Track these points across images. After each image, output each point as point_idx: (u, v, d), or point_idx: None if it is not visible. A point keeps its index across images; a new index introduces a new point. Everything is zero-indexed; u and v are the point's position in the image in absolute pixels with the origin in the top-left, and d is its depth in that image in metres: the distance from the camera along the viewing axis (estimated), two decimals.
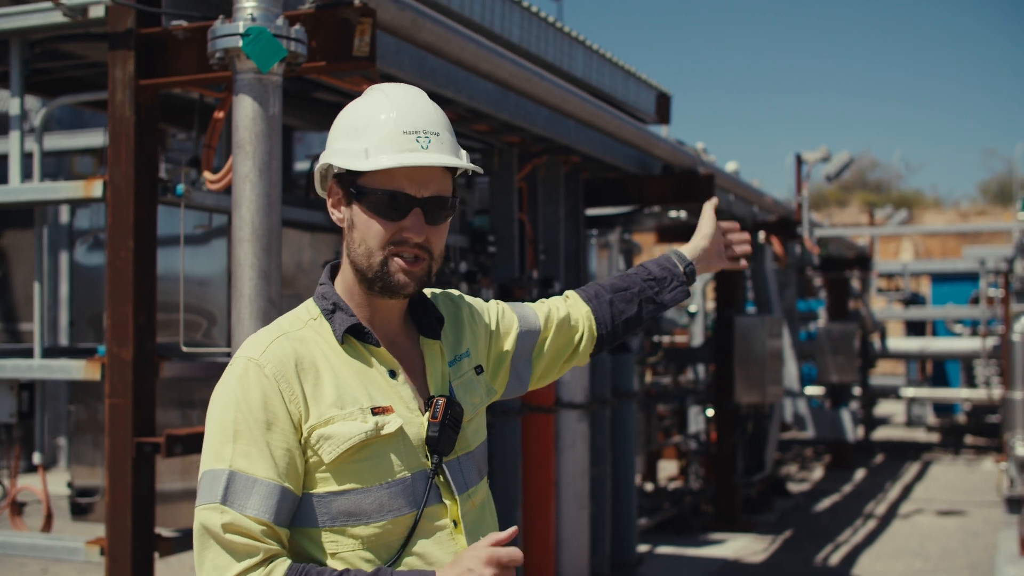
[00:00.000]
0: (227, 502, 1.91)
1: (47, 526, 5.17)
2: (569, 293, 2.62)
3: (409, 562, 2.02)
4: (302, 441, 1.98)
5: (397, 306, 2.17)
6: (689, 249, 2.75)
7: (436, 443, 2.07)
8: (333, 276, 2.18)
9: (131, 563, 4.28)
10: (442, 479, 2.09)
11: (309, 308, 2.14)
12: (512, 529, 1.97)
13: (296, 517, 1.99)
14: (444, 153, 2.06)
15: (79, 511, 5.61)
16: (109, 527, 4.33)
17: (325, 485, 1.99)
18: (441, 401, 2.10)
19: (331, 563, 1.99)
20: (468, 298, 2.43)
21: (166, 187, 4.54)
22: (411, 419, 2.08)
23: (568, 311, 2.55)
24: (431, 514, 2.06)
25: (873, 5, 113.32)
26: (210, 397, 2.04)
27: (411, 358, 2.17)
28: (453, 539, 2.08)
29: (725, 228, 2.86)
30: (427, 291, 2.32)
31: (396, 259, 2.05)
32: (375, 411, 2.03)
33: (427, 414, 2.09)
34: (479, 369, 2.32)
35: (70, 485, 5.65)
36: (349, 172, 2.06)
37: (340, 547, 1.99)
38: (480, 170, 2.16)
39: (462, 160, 2.10)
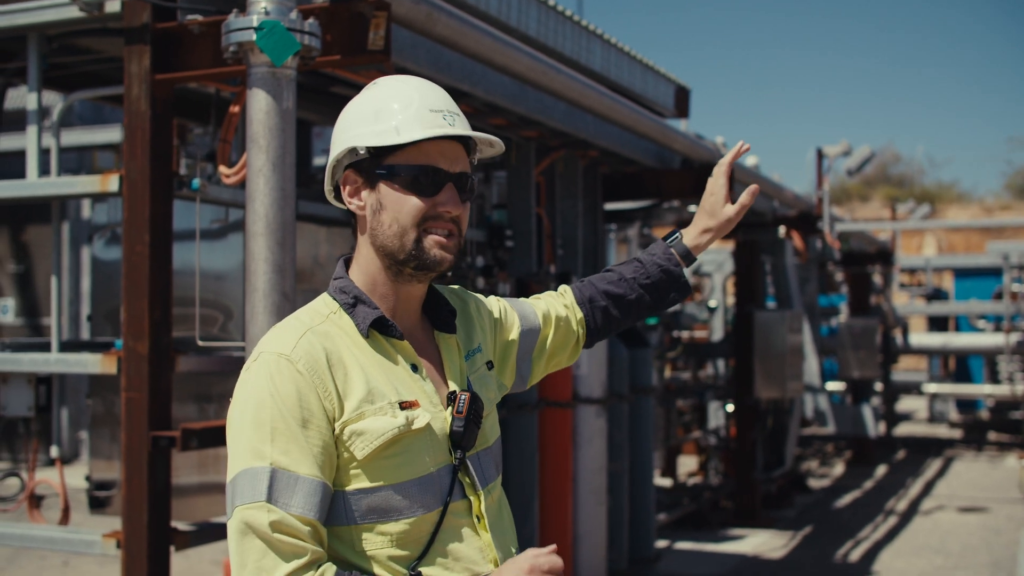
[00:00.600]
0: (273, 500, 1.88)
1: (64, 519, 5.20)
2: (564, 290, 2.58)
3: (436, 558, 2.01)
4: (335, 437, 1.96)
5: (417, 297, 2.15)
6: (692, 237, 2.57)
7: (461, 438, 2.06)
8: (347, 269, 2.16)
9: (147, 556, 4.30)
10: (465, 474, 2.08)
11: (326, 302, 2.11)
12: (552, 547, 2.01)
13: (329, 516, 1.98)
14: (470, 131, 2.09)
15: (97, 504, 5.63)
16: (125, 521, 4.35)
17: (356, 482, 1.97)
18: (466, 396, 2.09)
19: (358, 561, 1.97)
20: (472, 293, 2.41)
21: (182, 181, 4.54)
22: (435, 414, 2.06)
23: (565, 314, 2.53)
24: (456, 509, 2.05)
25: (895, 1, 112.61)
26: (234, 393, 2.01)
27: (428, 352, 2.16)
28: (478, 534, 2.08)
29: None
30: (447, 289, 2.32)
31: (431, 235, 2.04)
32: (403, 406, 2.01)
33: (450, 409, 2.08)
34: (490, 365, 2.31)
35: (88, 478, 5.68)
36: (373, 156, 2.05)
37: (369, 544, 1.97)
38: (500, 145, 2.17)
39: (493, 141, 2.15)
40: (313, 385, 1.95)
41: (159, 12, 4.38)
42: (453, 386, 2.14)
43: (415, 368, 2.09)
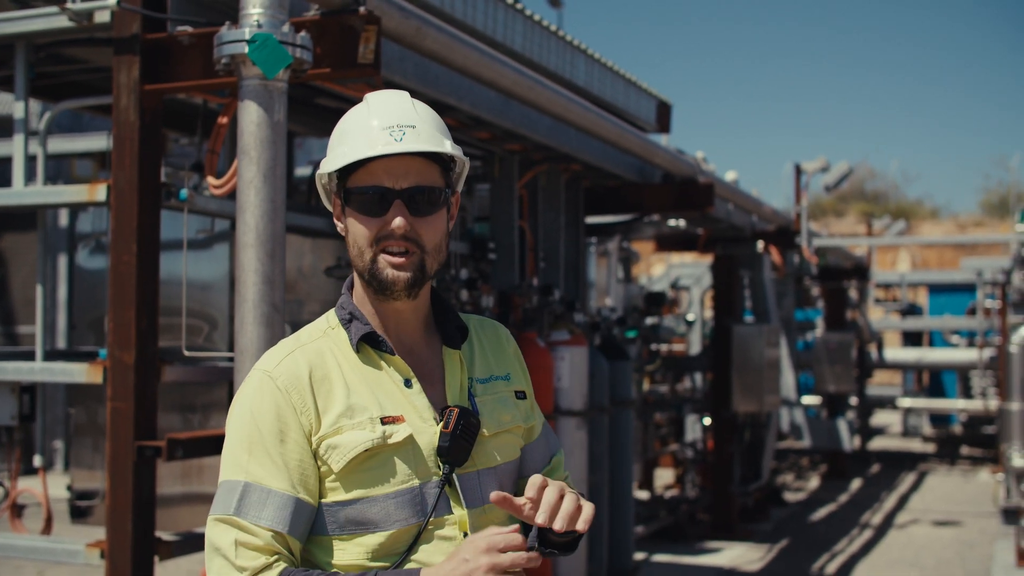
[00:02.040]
0: (240, 513, 1.95)
1: (47, 529, 5.17)
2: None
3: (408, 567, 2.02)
4: (313, 452, 2.01)
5: (410, 312, 2.15)
6: None
7: (447, 453, 2.05)
8: (351, 286, 2.21)
9: (131, 566, 4.29)
10: (452, 490, 2.07)
11: (329, 318, 2.18)
12: (513, 527, 1.94)
13: (312, 526, 2.03)
14: (420, 144, 2.05)
15: (78, 514, 5.61)
16: (110, 530, 4.34)
17: (334, 494, 2.01)
18: (454, 411, 2.08)
19: (334, 569, 2.01)
20: (516, 345, 2.40)
21: (169, 192, 4.55)
22: (423, 428, 2.07)
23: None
24: (439, 524, 2.05)
25: (873, 16, 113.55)
26: (229, 404, 2.12)
27: (431, 367, 2.17)
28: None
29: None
30: (471, 316, 2.32)
31: (383, 255, 2.06)
32: (384, 420, 2.04)
33: (440, 424, 2.08)
34: (521, 395, 2.29)
35: (70, 488, 5.66)
36: (340, 180, 2.11)
37: (346, 555, 2.02)
38: (461, 156, 2.15)
39: (443, 147, 2.08)
40: (290, 402, 2.02)
41: (149, 23, 4.38)
42: (451, 402, 2.14)
43: (408, 383, 2.10)
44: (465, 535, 2.05)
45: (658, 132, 9.17)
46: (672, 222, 10.62)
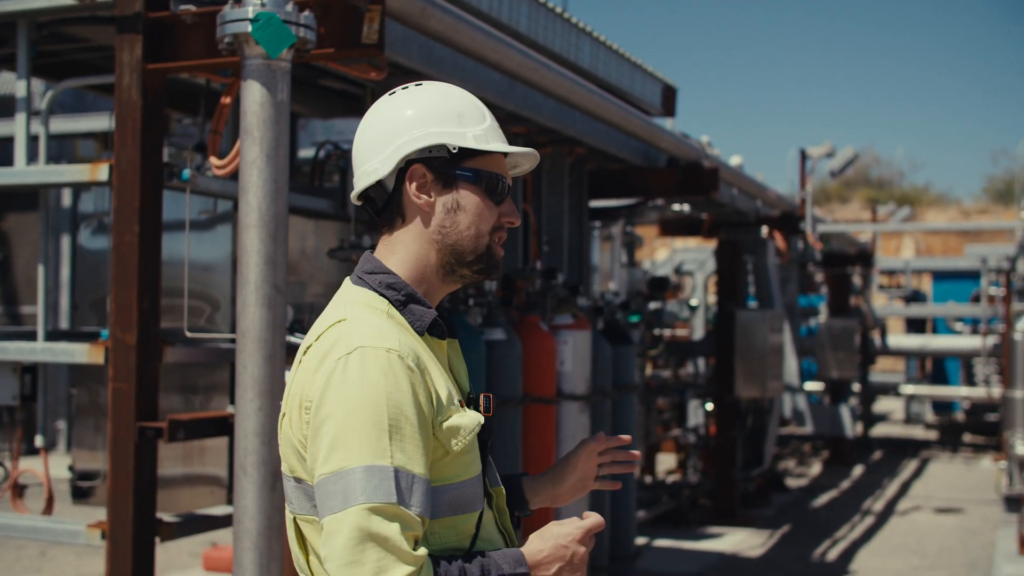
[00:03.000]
0: (402, 501, 1.86)
1: (48, 509, 5.17)
2: None
3: (481, 548, 2.05)
4: (434, 433, 1.98)
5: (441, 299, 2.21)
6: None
7: (489, 436, 2.12)
8: (383, 265, 2.12)
9: (132, 547, 4.29)
10: (490, 471, 2.17)
11: (375, 298, 2.07)
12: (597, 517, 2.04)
13: None
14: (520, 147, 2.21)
15: (80, 494, 5.60)
16: (111, 511, 4.33)
17: (442, 477, 1.98)
18: (491, 397, 2.14)
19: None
20: None
21: (172, 172, 4.53)
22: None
23: None
24: (486, 504, 2.12)
25: (880, 2, 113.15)
26: (334, 384, 1.92)
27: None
28: (499, 527, 2.15)
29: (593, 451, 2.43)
30: None
31: (496, 243, 2.12)
32: (461, 403, 2.07)
33: (478, 408, 2.13)
34: None
35: (71, 468, 5.65)
36: (453, 156, 2.08)
37: (440, 539, 1.99)
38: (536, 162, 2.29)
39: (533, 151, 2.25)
40: (423, 382, 1.96)
41: (152, 1, 4.35)
42: (465, 388, 2.20)
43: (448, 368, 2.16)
44: (498, 511, 2.16)
45: (663, 116, 9.12)
46: (676, 207, 10.58)
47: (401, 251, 2.12)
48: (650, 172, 8.50)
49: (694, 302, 14.58)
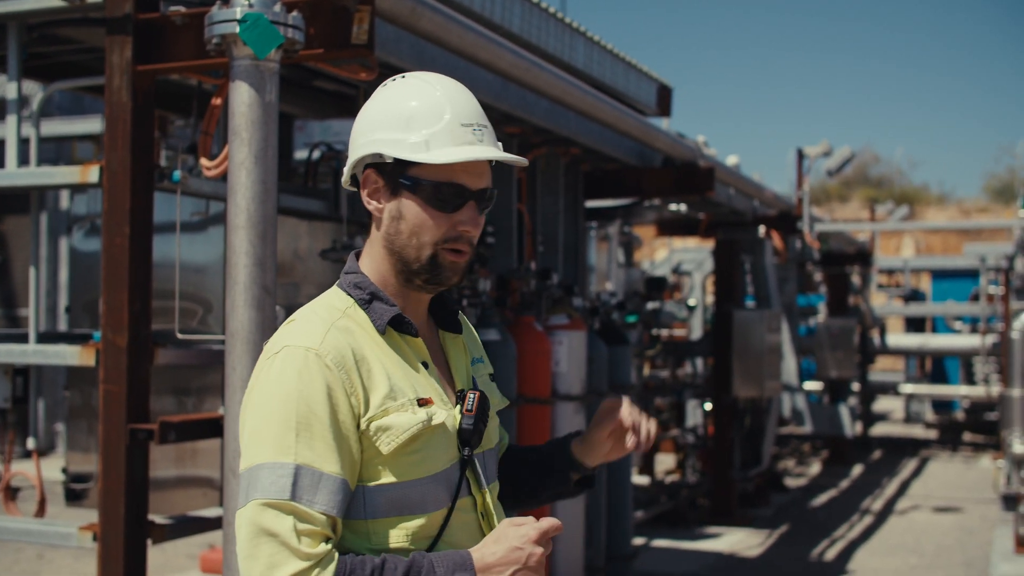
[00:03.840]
0: (297, 497, 1.87)
1: (41, 511, 5.16)
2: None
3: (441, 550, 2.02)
4: (360, 434, 1.96)
5: (425, 300, 2.17)
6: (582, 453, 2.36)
7: (470, 436, 2.07)
8: (357, 265, 2.15)
9: (123, 549, 4.28)
10: (472, 472, 2.11)
11: (340, 297, 2.10)
12: (554, 520, 2.01)
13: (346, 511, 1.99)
14: (493, 145, 2.08)
15: (73, 497, 5.60)
16: (102, 513, 4.33)
17: (378, 477, 1.97)
18: (476, 394, 2.11)
19: (371, 553, 1.97)
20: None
21: (163, 173, 4.52)
22: (447, 411, 2.09)
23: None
24: (462, 506, 2.08)
25: (877, 1, 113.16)
26: (255, 384, 1.99)
27: (435, 350, 2.18)
28: (481, 532, 2.11)
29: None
30: None
31: (447, 254, 2.04)
32: (420, 402, 2.03)
33: (458, 407, 2.10)
34: (493, 376, 2.35)
35: (65, 471, 5.65)
36: (399, 162, 2.02)
37: (385, 539, 1.98)
38: (525, 162, 2.15)
39: (502, 152, 2.11)
40: (341, 381, 1.94)
41: (142, 2, 4.35)
42: (460, 385, 2.17)
43: (425, 366, 2.11)
44: (482, 515, 2.11)
45: (659, 116, 9.11)
46: (673, 207, 10.57)
47: (371, 253, 2.13)
48: (646, 172, 8.49)
49: (692, 302, 14.58)
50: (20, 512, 5.32)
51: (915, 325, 20.16)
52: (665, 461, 13.54)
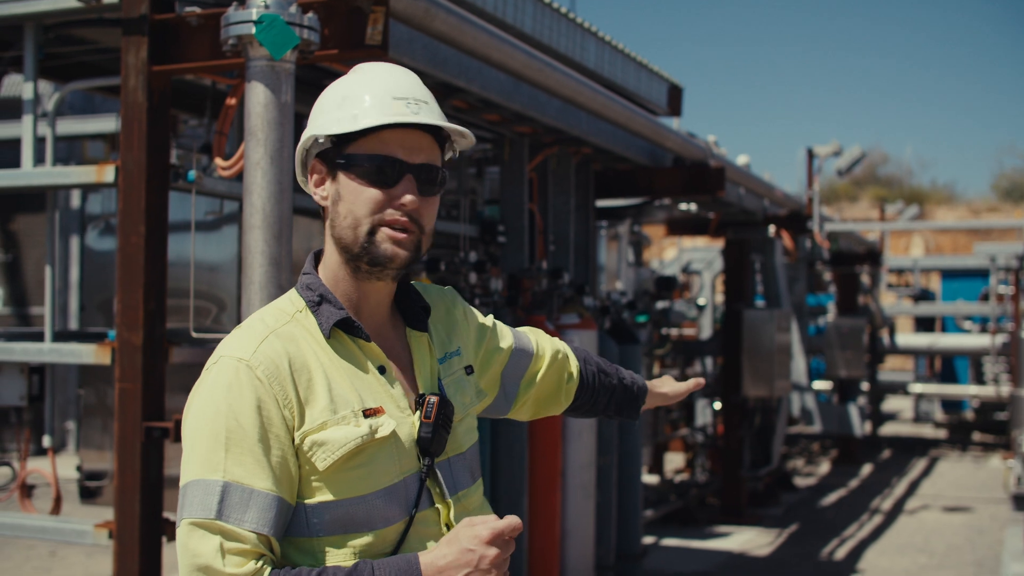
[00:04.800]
0: (223, 516, 1.79)
1: (56, 509, 5.20)
2: (560, 342, 2.58)
3: None
4: (295, 448, 1.87)
5: (385, 294, 2.06)
6: (653, 385, 2.72)
7: (429, 444, 1.97)
8: (316, 265, 2.06)
9: (139, 547, 4.31)
10: (433, 482, 2.00)
11: (293, 300, 2.02)
12: (492, 516, 1.88)
13: (287, 527, 1.89)
14: (437, 119, 1.98)
15: (88, 494, 5.64)
16: (118, 511, 4.36)
17: (317, 494, 1.88)
18: (434, 400, 1.99)
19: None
20: (464, 301, 2.36)
21: (178, 173, 4.55)
22: (402, 419, 1.97)
23: (561, 356, 2.51)
24: (423, 519, 1.97)
25: (887, 1, 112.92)
26: (191, 396, 1.92)
27: (398, 352, 2.07)
28: None
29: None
30: (419, 283, 2.23)
31: (384, 229, 1.94)
32: (367, 413, 1.92)
33: (418, 413, 1.99)
34: (469, 369, 2.22)
35: (79, 468, 5.68)
36: (335, 145, 1.97)
37: (332, 557, 1.88)
38: (470, 136, 2.07)
39: (465, 132, 2.06)
40: (272, 393, 1.85)
41: (157, 3, 4.38)
42: (423, 388, 2.05)
43: (382, 370, 2.00)
44: (447, 527, 1.99)
45: (669, 115, 9.13)
46: (683, 206, 10.58)
47: (326, 250, 2.05)
48: (656, 172, 8.51)
49: (701, 301, 14.58)
50: (36, 509, 5.36)
51: (925, 325, 20.12)
52: (675, 460, 13.55)
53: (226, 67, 4.34)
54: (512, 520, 1.85)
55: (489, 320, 2.38)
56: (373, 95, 1.96)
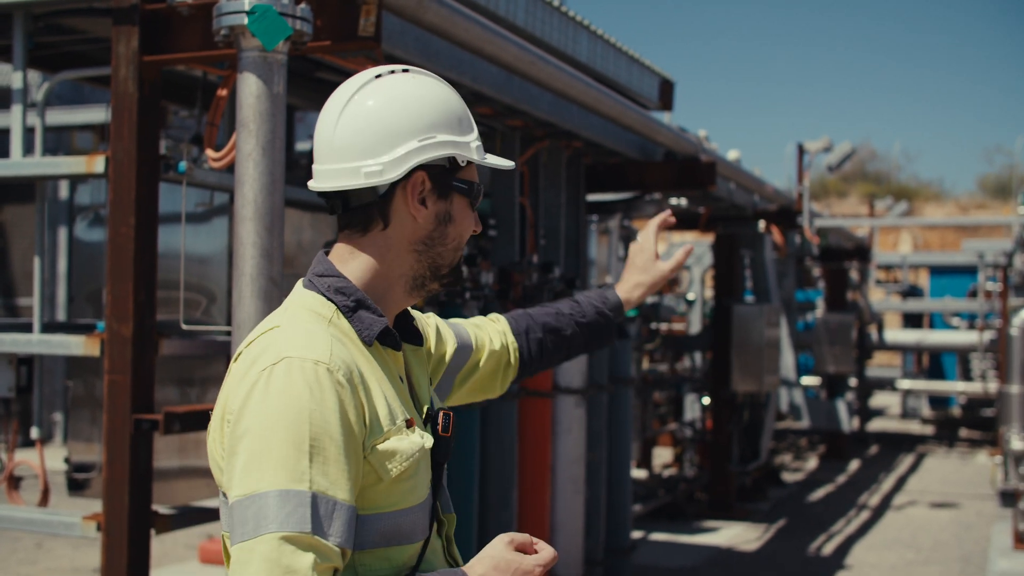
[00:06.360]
0: (317, 531, 1.69)
1: (44, 501, 5.17)
2: (497, 318, 2.54)
3: None
4: (365, 457, 1.82)
5: (401, 309, 2.06)
6: (625, 290, 2.65)
7: (444, 458, 1.96)
8: (336, 267, 1.99)
9: (127, 539, 4.29)
10: (440, 496, 2.00)
11: (323, 303, 1.93)
12: (551, 551, 1.92)
13: None
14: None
15: (76, 486, 5.61)
16: (106, 503, 4.34)
17: (373, 506, 1.83)
18: (450, 415, 1.97)
19: None
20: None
21: (168, 164, 4.52)
22: (424, 432, 1.95)
23: (499, 342, 2.47)
24: (434, 531, 1.98)
25: None
26: (255, 398, 1.77)
27: (401, 364, 2.05)
28: (446, 557, 2.02)
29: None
30: None
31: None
32: (408, 424, 1.89)
33: (429, 427, 1.97)
34: (431, 381, 2.22)
35: (67, 460, 5.66)
36: (453, 164, 1.96)
37: (371, 571, 1.84)
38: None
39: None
40: (353, 399, 1.79)
41: None
42: (425, 402, 2.04)
43: (402, 381, 1.99)
44: (446, 538, 2.02)
45: (660, 110, 9.12)
46: (674, 201, 10.57)
47: (368, 255, 1.96)
48: (647, 166, 8.50)
49: (691, 296, 14.60)
50: (23, 501, 5.33)
51: (913, 321, 20.19)
52: (663, 455, 13.56)
53: (218, 58, 4.32)
54: (553, 552, 1.90)
55: (434, 324, 2.34)
56: (473, 122, 2.02)
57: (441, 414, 1.97)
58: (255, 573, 1.67)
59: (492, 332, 2.48)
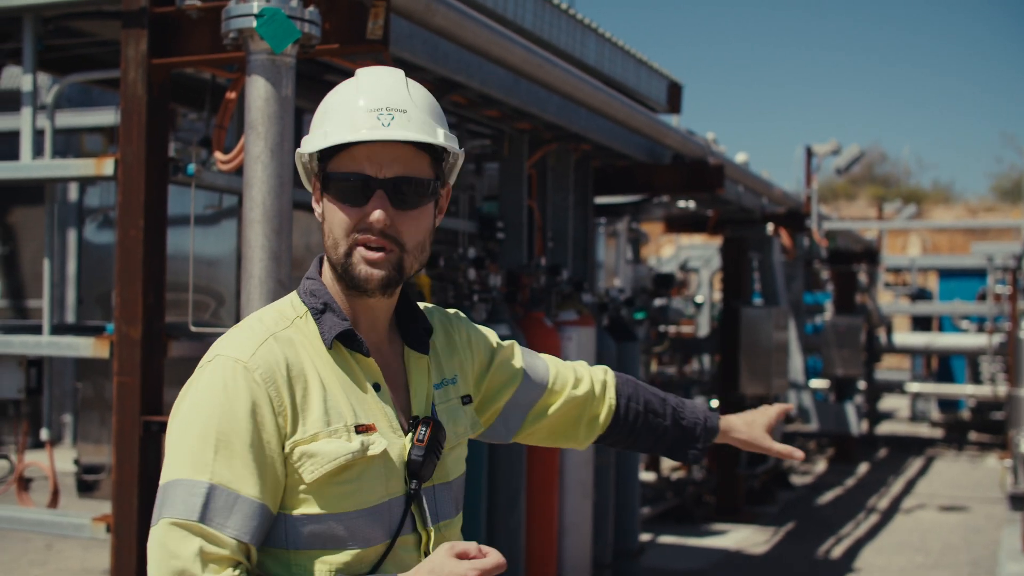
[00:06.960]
0: (206, 519, 1.75)
1: (53, 502, 5.19)
2: (607, 371, 2.46)
3: None
4: (284, 456, 1.83)
5: (382, 311, 2.01)
6: (727, 424, 2.50)
7: (419, 468, 1.93)
8: (320, 270, 2.02)
9: (137, 541, 4.29)
10: (417, 507, 1.96)
11: (295, 304, 1.98)
12: (475, 545, 1.82)
13: (266, 537, 1.85)
14: (409, 131, 1.89)
15: (85, 488, 5.63)
16: (116, 505, 4.35)
17: (302, 507, 1.85)
18: (430, 424, 1.96)
19: None
20: (472, 324, 2.27)
21: (177, 166, 4.54)
22: (394, 440, 1.93)
23: (587, 391, 2.38)
24: (403, 544, 1.93)
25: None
26: (183, 393, 1.88)
27: (393, 370, 2.03)
28: None
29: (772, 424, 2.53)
30: (424, 304, 2.18)
31: (359, 249, 1.89)
32: (359, 429, 1.88)
33: (410, 435, 1.96)
34: (467, 399, 2.17)
35: (76, 462, 5.67)
36: (320, 162, 1.94)
37: (307, 571, 1.85)
38: (456, 148, 1.99)
39: (436, 138, 1.93)
40: (269, 398, 1.82)
41: None
42: (417, 411, 2.01)
43: (377, 387, 1.96)
44: (425, 554, 1.95)
45: (668, 113, 9.11)
46: (682, 203, 10.58)
47: (326, 262, 2.01)
48: (655, 169, 8.50)
49: (699, 299, 14.58)
50: (33, 503, 5.35)
51: (922, 324, 20.14)
52: None
53: (226, 60, 4.33)
54: (498, 559, 1.79)
55: (494, 343, 2.29)
56: (347, 108, 1.91)
57: (420, 423, 1.95)
58: (152, 555, 1.77)
59: (586, 377, 2.41)
